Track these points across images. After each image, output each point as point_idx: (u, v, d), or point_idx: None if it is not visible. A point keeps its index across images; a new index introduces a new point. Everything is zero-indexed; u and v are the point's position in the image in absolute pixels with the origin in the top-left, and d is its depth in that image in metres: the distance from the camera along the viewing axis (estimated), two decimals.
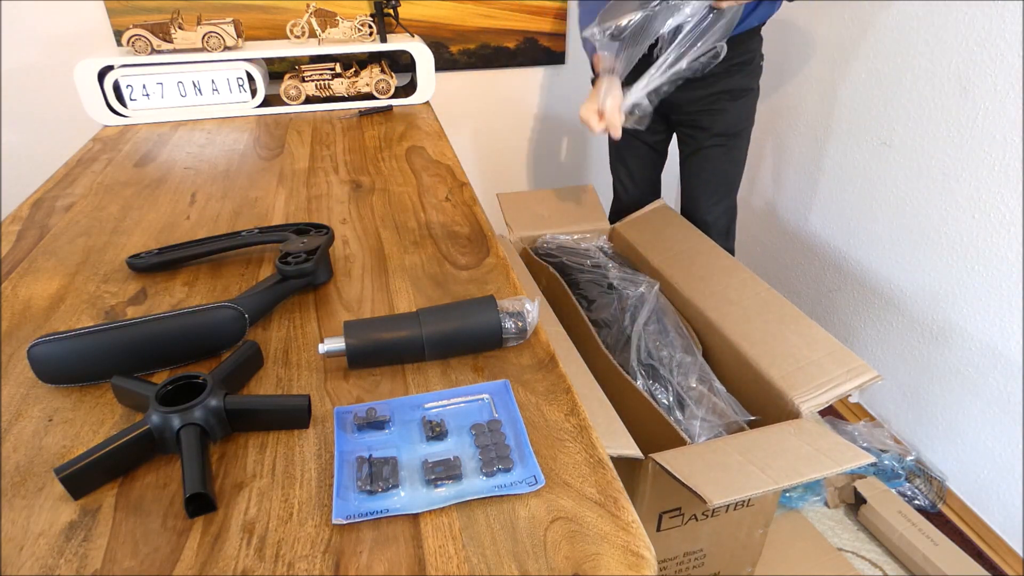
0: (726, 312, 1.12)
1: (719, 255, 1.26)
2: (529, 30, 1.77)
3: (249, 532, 0.45)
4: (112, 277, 0.76)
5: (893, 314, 1.51)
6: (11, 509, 0.47)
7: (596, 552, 0.43)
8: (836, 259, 1.65)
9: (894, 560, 1.32)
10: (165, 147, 1.18)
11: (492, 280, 0.75)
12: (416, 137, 1.23)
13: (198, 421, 0.50)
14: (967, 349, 1.34)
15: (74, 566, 0.42)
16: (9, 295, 0.73)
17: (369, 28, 1.37)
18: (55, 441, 0.53)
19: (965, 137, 1.27)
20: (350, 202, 0.96)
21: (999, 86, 1.19)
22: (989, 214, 1.25)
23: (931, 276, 1.39)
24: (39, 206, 0.95)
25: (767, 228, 1.90)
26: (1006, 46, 1.17)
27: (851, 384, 0.95)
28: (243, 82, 1.32)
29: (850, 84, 1.52)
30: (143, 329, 0.58)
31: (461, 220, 0.90)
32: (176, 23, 1.27)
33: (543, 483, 0.48)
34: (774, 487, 0.79)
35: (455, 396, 0.57)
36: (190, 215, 0.92)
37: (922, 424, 1.48)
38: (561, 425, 0.54)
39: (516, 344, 0.64)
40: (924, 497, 1.42)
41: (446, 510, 0.46)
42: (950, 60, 1.27)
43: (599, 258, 1.34)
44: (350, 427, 0.53)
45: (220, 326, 0.61)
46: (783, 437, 0.88)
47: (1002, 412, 1.29)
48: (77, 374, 0.58)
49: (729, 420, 1.01)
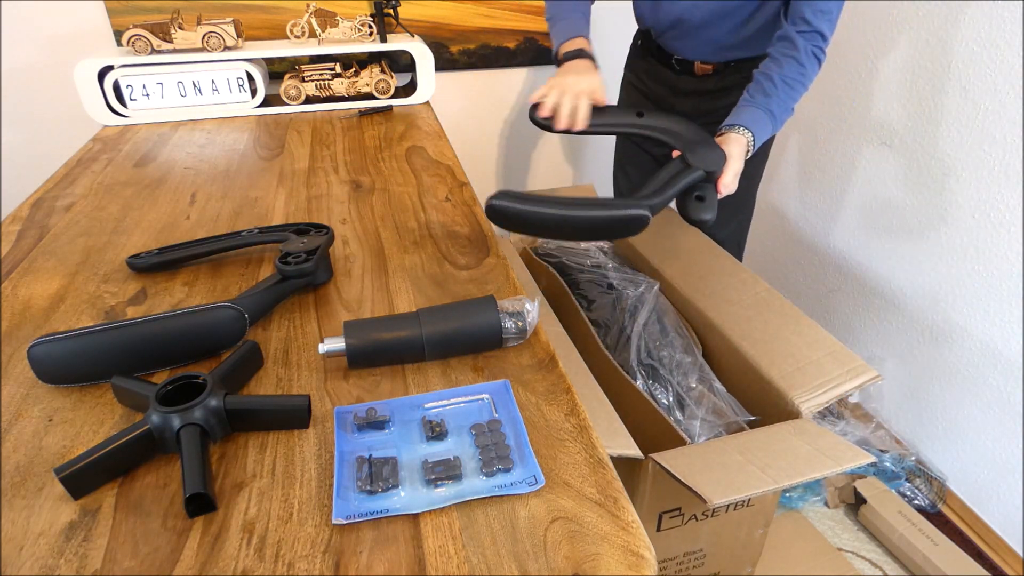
0: (726, 312, 1.12)
1: (719, 255, 1.26)
2: (529, 30, 1.77)
3: (249, 532, 0.45)
4: (112, 277, 0.76)
5: (893, 314, 1.51)
6: (11, 509, 0.47)
7: (596, 552, 0.43)
8: (836, 259, 1.65)
9: (894, 560, 1.32)
10: (165, 147, 1.18)
11: (492, 280, 0.75)
12: (416, 137, 1.23)
13: (198, 421, 0.50)
14: (967, 349, 1.34)
15: (74, 566, 0.42)
16: (9, 295, 0.73)
17: (369, 28, 1.37)
18: (55, 441, 0.53)
19: (965, 137, 1.27)
20: (350, 202, 0.96)
21: (999, 86, 1.19)
22: (989, 214, 1.25)
23: (931, 276, 1.39)
24: (39, 206, 0.95)
25: (767, 228, 1.90)
26: (1006, 46, 1.17)
27: (851, 384, 0.95)
28: (243, 82, 1.32)
29: (850, 84, 1.52)
30: (143, 329, 0.58)
31: (461, 220, 0.90)
32: (176, 23, 1.27)
33: (543, 483, 0.48)
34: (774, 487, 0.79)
35: (455, 396, 0.57)
36: (190, 215, 0.92)
37: (922, 424, 1.48)
38: (561, 425, 0.54)
39: (516, 344, 0.64)
40: (924, 497, 1.42)
41: (446, 510, 0.46)
42: (950, 60, 1.27)
43: (599, 258, 1.34)
44: (350, 427, 0.53)
45: (220, 326, 0.61)
46: (783, 437, 0.88)
47: (1002, 412, 1.29)
48: (77, 374, 0.58)
49: (729, 420, 1.01)
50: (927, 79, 1.33)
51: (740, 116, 1.02)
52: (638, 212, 0.79)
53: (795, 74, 1.02)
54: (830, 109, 1.59)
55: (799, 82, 1.03)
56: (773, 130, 1.05)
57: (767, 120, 1.02)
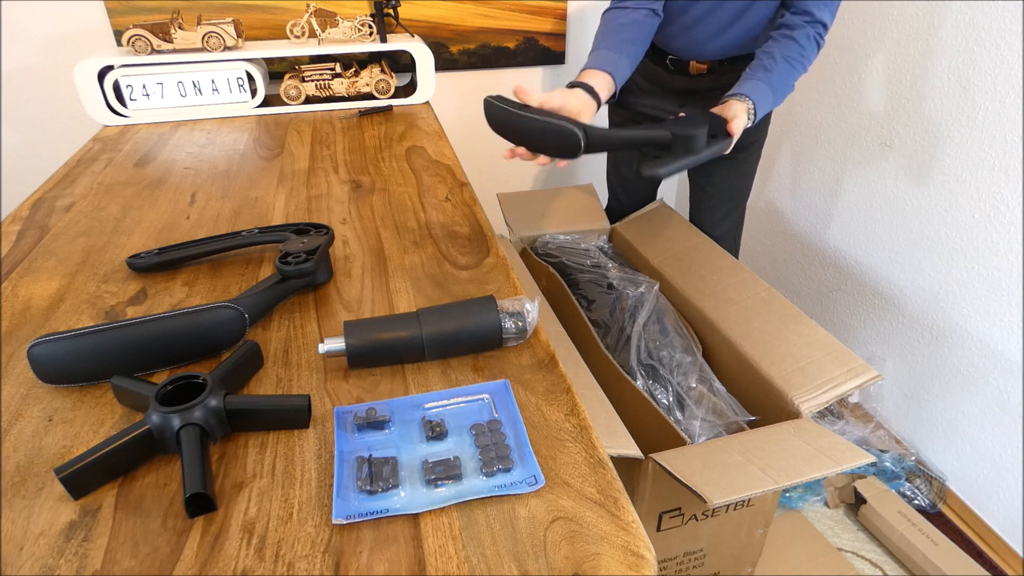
0: (726, 312, 1.12)
1: (719, 255, 1.26)
2: (529, 30, 1.77)
3: (249, 532, 0.45)
4: (112, 277, 0.76)
5: (893, 314, 1.51)
6: (11, 509, 0.47)
7: (596, 552, 0.43)
8: (836, 259, 1.65)
9: (894, 560, 1.32)
10: (165, 147, 1.18)
11: (492, 280, 0.75)
12: (416, 137, 1.23)
13: (198, 421, 0.50)
14: (967, 349, 1.34)
15: (74, 566, 0.42)
16: (9, 295, 0.73)
17: (369, 28, 1.38)
18: (55, 441, 0.53)
19: (965, 137, 1.27)
20: (350, 202, 0.96)
21: (999, 86, 1.19)
22: (989, 214, 1.25)
23: (931, 276, 1.39)
24: (39, 206, 0.95)
25: (767, 228, 1.90)
26: (1006, 46, 1.17)
27: (851, 384, 0.95)
28: (243, 82, 1.32)
29: (850, 84, 1.52)
30: (143, 329, 0.58)
31: (461, 220, 0.90)
32: (176, 23, 1.27)
33: (543, 483, 0.48)
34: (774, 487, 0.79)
35: (455, 396, 0.57)
36: (190, 215, 0.92)
37: (922, 424, 1.48)
38: (561, 425, 0.54)
39: (516, 344, 0.64)
40: (924, 497, 1.42)
41: (446, 510, 0.46)
42: (950, 60, 1.27)
43: (599, 258, 1.34)
44: (350, 427, 0.53)
45: (220, 326, 0.61)
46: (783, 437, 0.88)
47: (1002, 412, 1.29)
48: (77, 374, 0.58)
49: (729, 420, 1.01)
50: (927, 78, 1.33)
51: (741, 87, 1.04)
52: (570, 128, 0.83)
53: (795, 54, 1.04)
54: (830, 108, 1.59)
55: (798, 61, 1.05)
56: (773, 104, 1.07)
57: (768, 91, 1.04)
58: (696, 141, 0.86)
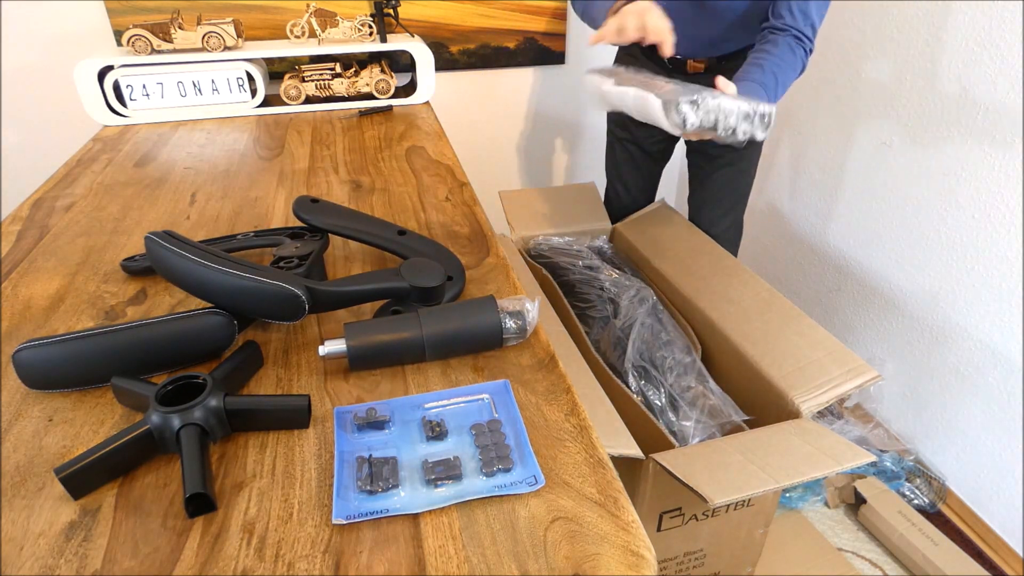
0: (726, 312, 1.12)
1: (720, 255, 1.27)
2: (529, 30, 1.77)
3: (249, 532, 0.45)
4: (112, 277, 0.76)
5: (893, 314, 1.51)
6: (11, 509, 0.47)
7: (596, 552, 0.43)
8: (836, 259, 1.65)
9: (894, 560, 1.32)
10: (165, 147, 1.18)
11: (492, 280, 0.75)
12: (416, 137, 1.23)
13: (198, 421, 0.50)
14: (967, 349, 1.34)
15: (74, 566, 0.42)
16: (9, 295, 0.73)
17: (369, 28, 1.37)
18: (55, 441, 0.53)
19: (965, 137, 1.27)
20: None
21: (999, 86, 1.19)
22: (989, 214, 1.25)
23: (931, 276, 1.39)
24: (39, 206, 0.95)
25: (767, 228, 1.90)
26: (1006, 46, 1.17)
27: (851, 384, 0.95)
28: (243, 82, 1.32)
29: (850, 84, 1.52)
30: (129, 335, 0.57)
31: (461, 220, 0.90)
32: (176, 23, 1.27)
33: (543, 483, 0.48)
34: (774, 486, 0.79)
35: (455, 396, 0.57)
36: (190, 215, 0.92)
37: (922, 424, 1.48)
38: (561, 425, 0.54)
39: (516, 344, 0.64)
40: (924, 497, 1.42)
41: (446, 510, 0.46)
42: (950, 60, 1.27)
43: (592, 260, 1.34)
44: (350, 427, 0.53)
45: (208, 332, 0.60)
46: (783, 437, 0.88)
47: (1002, 412, 1.29)
48: (62, 380, 0.57)
49: (723, 420, 1.01)
50: (926, 78, 1.33)
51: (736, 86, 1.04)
52: (289, 288, 0.59)
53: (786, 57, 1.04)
54: (830, 108, 1.59)
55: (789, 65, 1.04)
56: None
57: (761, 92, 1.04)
58: (436, 292, 0.71)
